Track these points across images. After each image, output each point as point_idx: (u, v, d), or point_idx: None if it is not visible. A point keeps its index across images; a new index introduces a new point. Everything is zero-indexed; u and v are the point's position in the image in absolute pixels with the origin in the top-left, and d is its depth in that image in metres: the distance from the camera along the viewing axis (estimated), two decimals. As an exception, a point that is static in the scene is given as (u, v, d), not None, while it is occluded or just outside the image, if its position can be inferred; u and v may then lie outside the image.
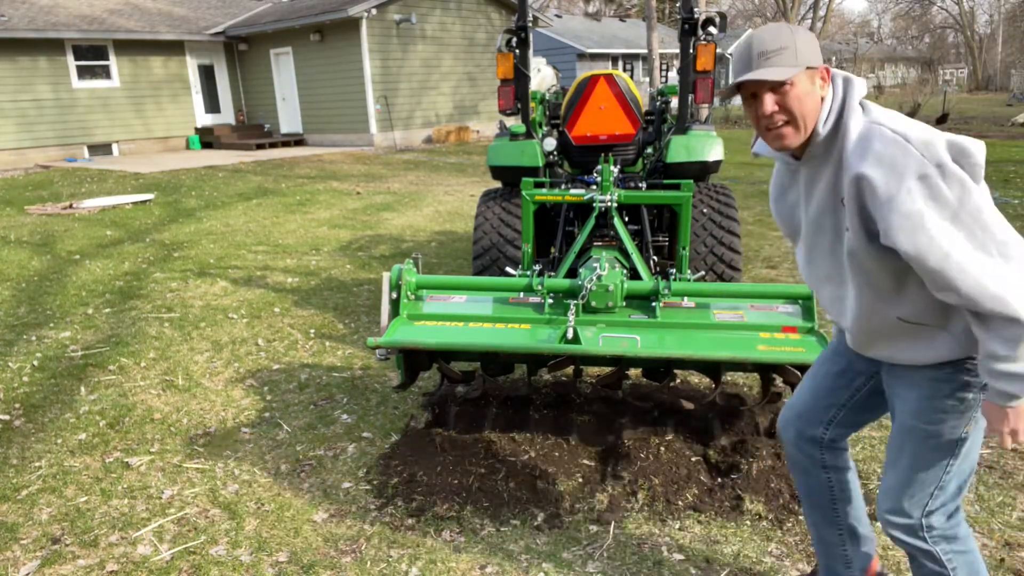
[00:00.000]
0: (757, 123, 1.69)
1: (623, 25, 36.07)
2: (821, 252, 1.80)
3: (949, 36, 53.22)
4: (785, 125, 1.65)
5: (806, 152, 1.71)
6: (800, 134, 1.66)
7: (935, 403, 1.73)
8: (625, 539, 2.67)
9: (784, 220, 1.92)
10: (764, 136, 1.71)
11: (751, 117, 1.71)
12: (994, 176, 10.63)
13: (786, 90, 1.62)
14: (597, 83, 4.80)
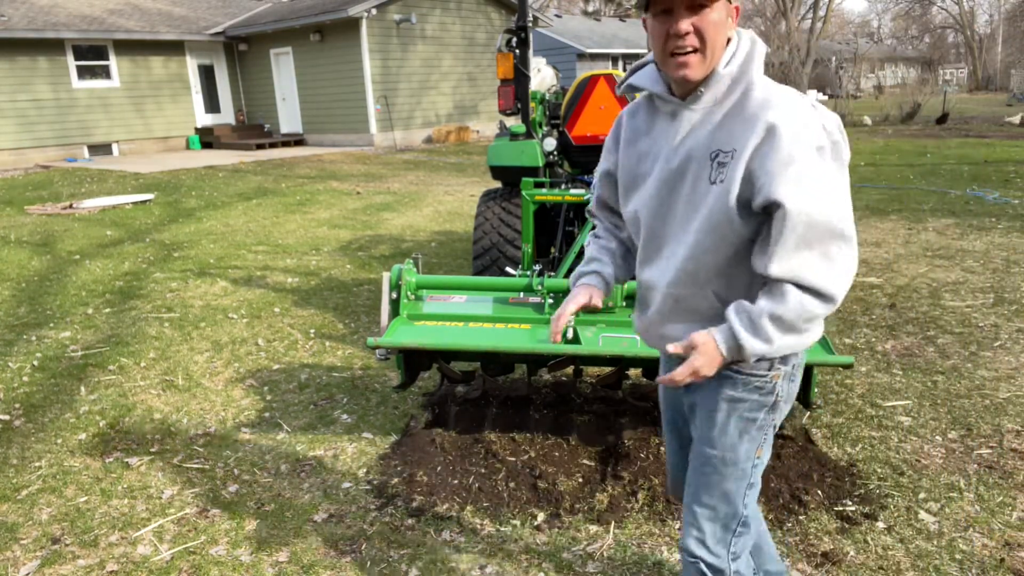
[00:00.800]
0: (663, 44, 1.50)
1: (623, 25, 36.06)
2: (667, 206, 1.62)
3: (949, 36, 53.22)
4: (694, 52, 1.49)
5: (695, 92, 1.55)
6: (704, 67, 1.51)
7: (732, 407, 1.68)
8: (625, 539, 2.67)
9: (627, 169, 1.72)
10: (665, 61, 1.52)
11: (656, 37, 1.51)
12: (994, 176, 10.63)
13: (705, 12, 1.47)
14: (597, 83, 4.80)
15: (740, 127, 1.50)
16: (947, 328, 4.67)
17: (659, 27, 1.50)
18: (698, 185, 1.55)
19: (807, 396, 3.01)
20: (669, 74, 1.54)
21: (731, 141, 1.51)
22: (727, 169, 1.50)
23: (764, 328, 1.50)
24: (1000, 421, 3.44)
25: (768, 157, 1.46)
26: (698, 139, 1.55)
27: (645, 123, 1.68)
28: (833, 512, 2.76)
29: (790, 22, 39.45)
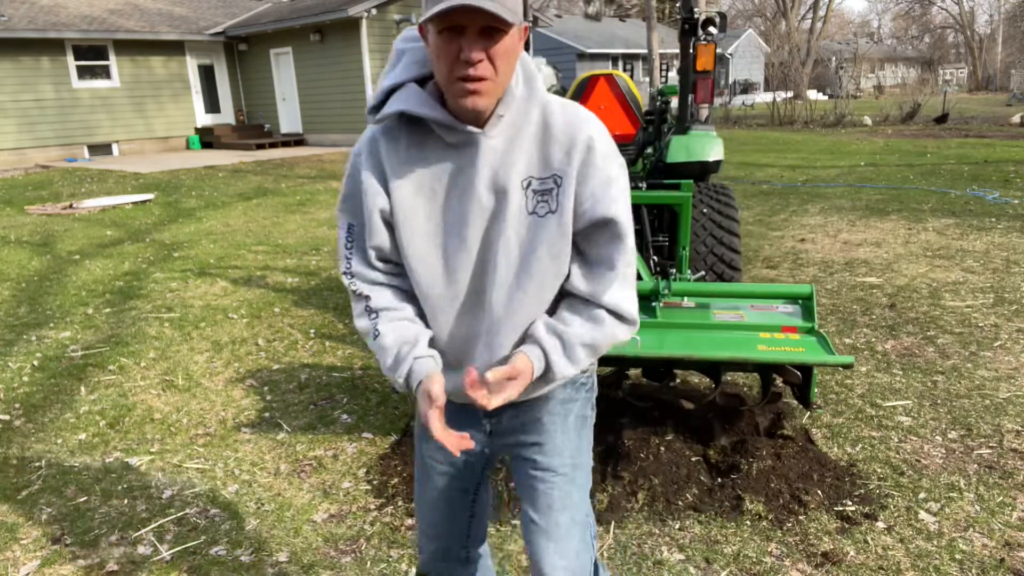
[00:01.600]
0: (450, 66, 1.29)
1: (623, 25, 36.07)
2: (489, 247, 1.43)
3: (949, 36, 53.22)
4: (485, 81, 1.29)
5: (491, 119, 1.37)
6: (495, 95, 1.33)
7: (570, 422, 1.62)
8: (625, 539, 2.67)
9: (413, 209, 1.43)
10: (452, 87, 1.31)
11: (442, 56, 1.29)
12: (994, 176, 10.64)
13: (499, 38, 1.28)
14: (597, 83, 4.80)
15: (557, 149, 1.39)
16: (947, 328, 4.67)
17: (445, 47, 1.28)
18: (522, 218, 1.40)
19: (807, 396, 3.01)
20: (454, 100, 1.33)
21: (549, 166, 1.40)
22: (555, 196, 1.40)
23: (577, 354, 1.46)
24: (1000, 421, 3.44)
25: (592, 176, 1.40)
26: (507, 168, 1.39)
27: (416, 154, 1.42)
28: (833, 512, 2.76)
29: (790, 22, 39.49)
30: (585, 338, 1.46)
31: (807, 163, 13.25)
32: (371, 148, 1.46)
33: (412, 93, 1.39)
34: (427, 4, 1.28)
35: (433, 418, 1.38)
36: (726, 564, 2.52)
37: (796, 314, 3.14)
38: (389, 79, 1.43)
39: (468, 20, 1.26)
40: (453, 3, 1.22)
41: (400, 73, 1.42)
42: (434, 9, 1.25)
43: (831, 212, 8.67)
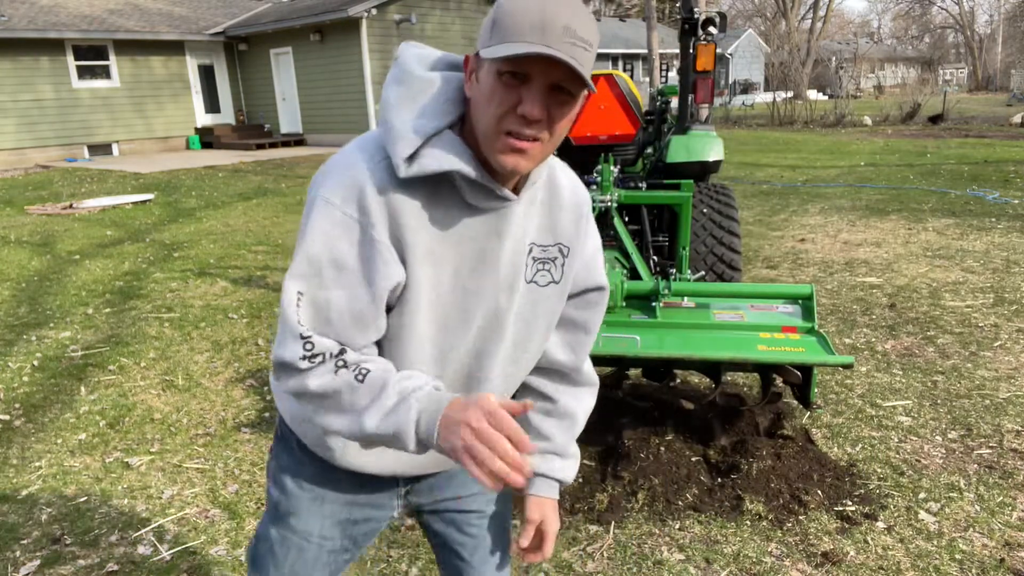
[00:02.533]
0: (500, 116, 1.09)
1: (623, 25, 36.07)
2: (470, 326, 1.27)
3: (949, 36, 53.23)
4: (535, 142, 1.11)
5: (526, 184, 1.23)
6: (538, 162, 1.16)
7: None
8: (625, 539, 2.67)
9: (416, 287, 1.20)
10: (495, 139, 1.11)
11: (492, 100, 1.09)
12: (994, 176, 10.64)
13: (567, 101, 1.10)
14: (597, 83, 4.80)
15: (564, 217, 1.30)
16: (947, 328, 4.67)
17: (504, 93, 1.08)
18: (517, 288, 1.28)
19: (807, 396, 3.01)
20: (492, 154, 1.12)
21: (555, 233, 1.30)
22: (560, 265, 1.31)
23: (572, 450, 1.48)
24: (1000, 421, 3.44)
25: (587, 245, 1.36)
26: (523, 236, 1.27)
27: (432, 214, 1.18)
28: (833, 512, 2.76)
29: (790, 22, 39.49)
30: (577, 431, 1.47)
31: (807, 163, 13.25)
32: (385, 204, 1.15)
33: (455, 145, 1.15)
34: (493, 36, 1.08)
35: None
36: (726, 564, 2.52)
37: (796, 314, 3.14)
38: (429, 119, 1.15)
39: (542, 72, 1.07)
40: (537, 49, 1.03)
41: (435, 114, 1.16)
42: (510, 51, 1.04)
43: (831, 212, 8.67)
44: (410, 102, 1.16)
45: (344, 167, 1.18)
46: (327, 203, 1.15)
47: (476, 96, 1.13)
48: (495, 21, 1.09)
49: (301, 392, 1.17)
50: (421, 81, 1.18)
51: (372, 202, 1.14)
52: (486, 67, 1.10)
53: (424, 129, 1.13)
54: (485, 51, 1.08)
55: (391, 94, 1.18)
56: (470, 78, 1.15)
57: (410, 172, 1.13)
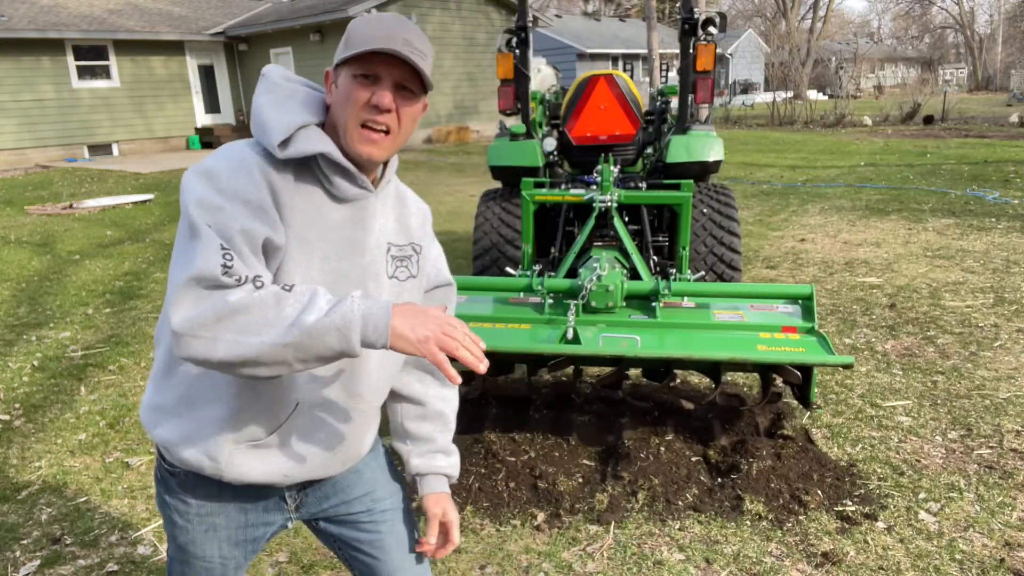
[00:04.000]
0: (356, 110, 1.29)
1: (623, 25, 36.07)
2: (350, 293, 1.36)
3: (949, 36, 53.24)
4: (386, 133, 1.32)
5: (381, 182, 1.41)
6: (388, 154, 1.35)
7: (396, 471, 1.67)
8: (625, 539, 2.67)
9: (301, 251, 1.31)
10: (353, 132, 1.30)
11: (350, 99, 1.30)
12: (994, 176, 10.64)
13: (411, 99, 1.32)
14: (597, 83, 4.80)
15: (413, 221, 1.50)
16: (947, 328, 4.67)
17: (358, 90, 1.29)
18: (381, 282, 1.42)
19: (807, 396, 3.01)
20: (351, 146, 1.31)
21: (408, 235, 1.48)
22: (415, 262, 1.49)
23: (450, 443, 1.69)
24: (1000, 421, 3.44)
25: (433, 247, 1.56)
26: (383, 231, 1.43)
27: (304, 200, 1.31)
28: (833, 512, 2.76)
29: (790, 22, 39.49)
30: (452, 429, 1.66)
31: (807, 163, 13.25)
32: (267, 180, 1.28)
33: (322, 135, 1.32)
34: (347, 46, 1.29)
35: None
36: (726, 564, 2.52)
37: (796, 314, 3.14)
38: (297, 115, 1.31)
39: (388, 73, 1.29)
40: (382, 46, 1.25)
41: (302, 112, 1.33)
42: (359, 49, 1.26)
43: (831, 212, 8.67)
44: (278, 105, 1.33)
45: (225, 153, 1.30)
46: (214, 172, 1.25)
47: (335, 100, 1.33)
48: (347, 39, 1.30)
49: (219, 312, 1.15)
50: (286, 89, 1.36)
51: (257, 174, 1.27)
52: (343, 74, 1.31)
53: (294, 121, 1.30)
54: (340, 57, 1.30)
55: (261, 101, 1.34)
56: (329, 88, 1.35)
57: (286, 153, 1.28)
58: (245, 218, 1.23)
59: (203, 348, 1.16)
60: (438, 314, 1.21)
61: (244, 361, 1.17)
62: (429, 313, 1.21)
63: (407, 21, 1.33)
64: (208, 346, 1.16)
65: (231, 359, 1.16)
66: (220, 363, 1.17)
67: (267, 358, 1.16)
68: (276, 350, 1.16)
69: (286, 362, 1.17)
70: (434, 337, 1.17)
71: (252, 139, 1.34)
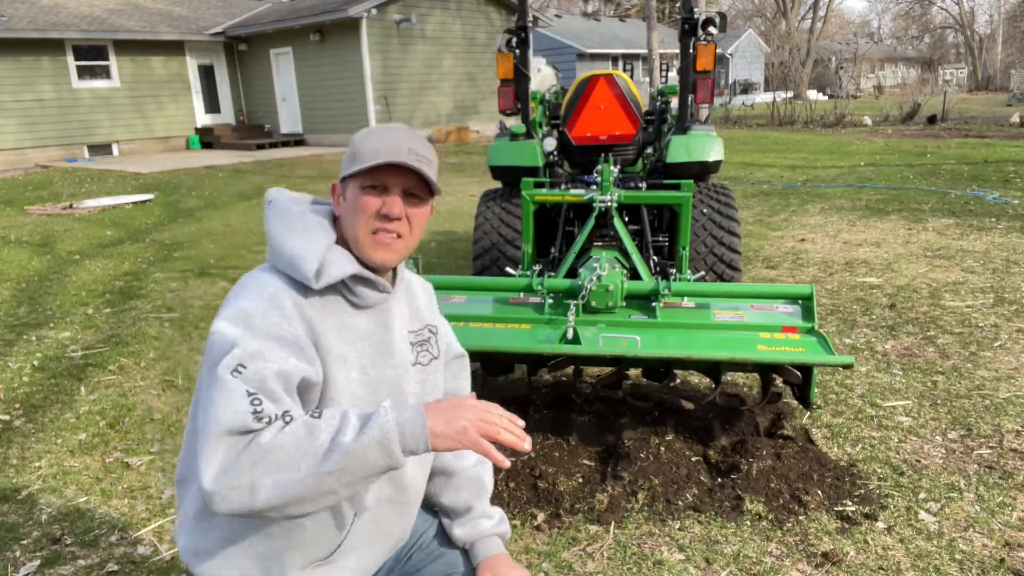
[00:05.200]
0: (367, 219, 1.35)
1: (623, 25, 36.07)
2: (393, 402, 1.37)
3: (949, 36, 53.24)
4: (399, 238, 1.38)
5: (396, 281, 1.48)
6: (401, 257, 1.41)
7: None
8: (625, 539, 2.67)
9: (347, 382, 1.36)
10: (366, 240, 1.35)
11: (360, 210, 1.35)
12: (994, 176, 10.64)
13: (419, 204, 1.39)
14: (597, 83, 4.80)
15: (422, 303, 1.57)
16: (947, 328, 4.67)
17: (368, 201, 1.35)
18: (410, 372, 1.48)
19: (807, 396, 3.01)
20: (365, 254, 1.37)
21: (421, 318, 1.55)
22: (435, 343, 1.56)
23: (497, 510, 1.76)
24: (1000, 421, 3.44)
25: (442, 320, 1.63)
26: (400, 326, 1.49)
27: (332, 317, 1.36)
28: (833, 512, 2.76)
29: (790, 22, 39.50)
30: (489, 490, 1.71)
31: (807, 163, 13.25)
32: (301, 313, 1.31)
33: (345, 255, 1.36)
34: (354, 163, 1.34)
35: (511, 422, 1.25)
36: (726, 564, 2.52)
37: (796, 314, 3.14)
38: (319, 240, 1.35)
39: (397, 182, 1.35)
40: (390, 159, 1.31)
41: (320, 236, 1.36)
42: (368, 163, 1.32)
43: (831, 212, 8.67)
44: (296, 232, 1.36)
45: (256, 289, 1.32)
46: (246, 312, 1.27)
47: (345, 211, 1.38)
48: (353, 154, 1.36)
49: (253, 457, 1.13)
50: (298, 215, 1.40)
51: (291, 309, 1.30)
52: (351, 186, 1.36)
53: (319, 248, 1.34)
54: (347, 171, 1.36)
55: (276, 229, 1.38)
56: (338, 200, 1.41)
57: (322, 282, 1.32)
58: (281, 359, 1.24)
59: (242, 499, 1.13)
60: (471, 403, 1.23)
61: (287, 501, 1.13)
62: (463, 404, 1.22)
63: (409, 130, 1.40)
64: (247, 496, 1.13)
65: (274, 503, 1.13)
66: (264, 509, 1.14)
67: (311, 491, 1.13)
68: (319, 480, 1.13)
69: (332, 491, 1.15)
70: (473, 427, 1.18)
71: (269, 266, 1.37)
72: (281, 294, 1.30)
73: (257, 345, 1.22)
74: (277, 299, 1.29)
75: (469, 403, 1.22)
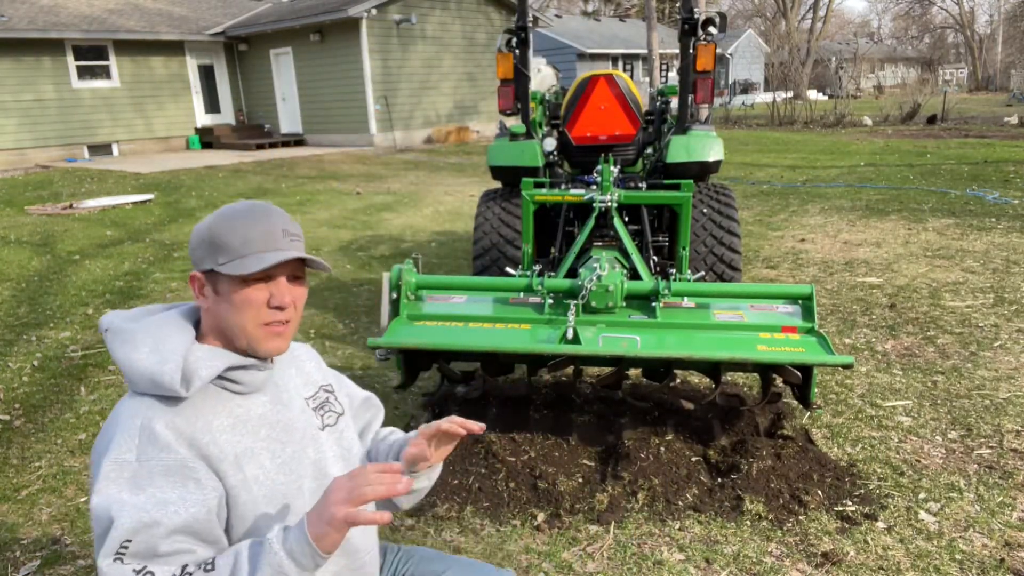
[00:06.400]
0: (257, 313, 1.28)
1: (623, 25, 36.07)
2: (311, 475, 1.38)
3: (949, 36, 53.21)
4: (288, 323, 1.33)
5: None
6: (291, 339, 1.37)
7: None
8: (625, 539, 2.67)
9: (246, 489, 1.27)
10: (257, 332, 1.29)
11: (249, 305, 1.28)
12: (994, 176, 10.64)
13: (301, 283, 1.35)
14: (597, 83, 4.80)
15: (311, 366, 1.52)
16: (947, 328, 4.67)
17: (255, 294, 1.28)
18: (320, 440, 1.42)
19: (807, 396, 3.01)
20: (257, 347, 1.30)
21: (313, 381, 1.49)
22: (336, 400, 1.51)
23: None
24: (1000, 421, 3.44)
25: (331, 376, 1.57)
26: (295, 396, 1.43)
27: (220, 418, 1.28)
28: (833, 512, 2.76)
29: (790, 22, 39.49)
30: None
31: (807, 163, 13.25)
32: (178, 433, 1.22)
33: (211, 350, 1.29)
34: (224, 254, 1.26)
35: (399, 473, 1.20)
36: (726, 564, 2.52)
37: (796, 314, 3.14)
38: (172, 344, 1.25)
39: (283, 271, 1.30)
40: (285, 256, 1.27)
41: (173, 338, 1.27)
42: (262, 263, 1.25)
43: (831, 212, 8.67)
44: (142, 345, 1.25)
45: (122, 428, 1.21)
46: (120, 463, 1.17)
47: (221, 307, 1.29)
48: (219, 244, 1.26)
49: None
50: (139, 328, 1.28)
51: (166, 434, 1.20)
52: (224, 280, 1.27)
53: (177, 352, 1.24)
54: (228, 267, 1.26)
55: (121, 352, 1.26)
56: (202, 293, 1.31)
57: (193, 388, 1.22)
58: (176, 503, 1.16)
59: None
60: (336, 485, 1.17)
61: None
62: (328, 492, 1.17)
63: (268, 206, 1.32)
64: None
65: None
66: None
67: None
68: None
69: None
70: (341, 508, 1.13)
71: (130, 394, 1.26)
72: (150, 422, 1.20)
73: (142, 502, 1.14)
74: (147, 430, 1.19)
75: (334, 487, 1.17)
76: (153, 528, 1.14)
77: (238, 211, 1.30)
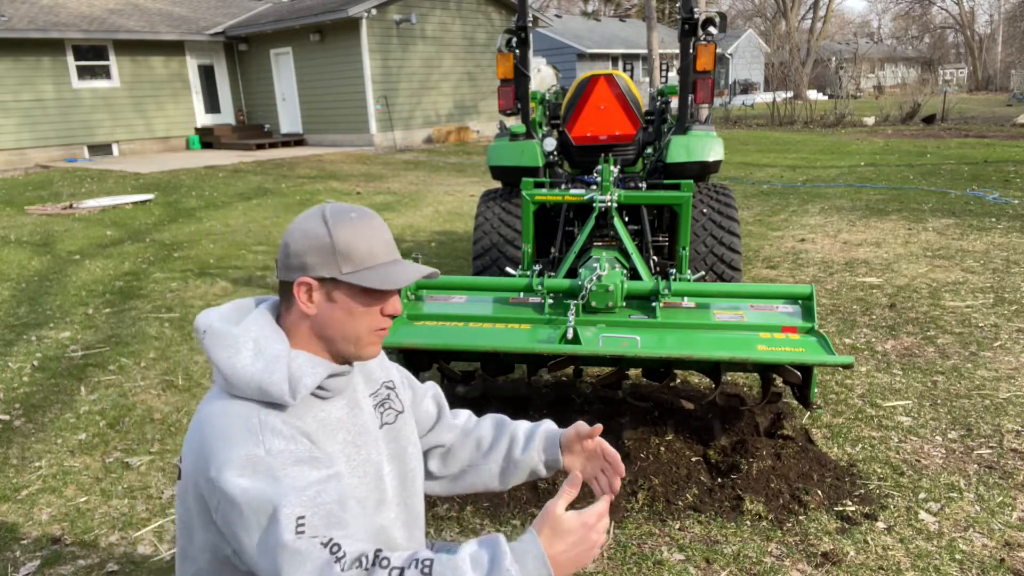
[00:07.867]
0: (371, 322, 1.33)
1: (623, 25, 36.07)
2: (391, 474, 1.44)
3: (949, 36, 53.20)
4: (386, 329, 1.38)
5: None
6: None
7: None
8: (625, 539, 2.67)
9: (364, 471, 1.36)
10: (367, 338, 1.33)
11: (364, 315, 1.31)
12: (994, 176, 10.64)
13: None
14: (597, 83, 4.80)
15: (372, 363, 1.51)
16: (947, 328, 4.67)
17: (375, 303, 1.32)
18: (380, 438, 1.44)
19: (807, 396, 3.00)
20: (361, 352, 1.35)
21: (375, 379, 1.50)
22: (396, 397, 1.52)
23: None
24: (1000, 421, 3.44)
25: (394, 372, 1.58)
26: (364, 399, 1.45)
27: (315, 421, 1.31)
28: (833, 512, 2.76)
29: (790, 22, 39.48)
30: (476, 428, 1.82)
31: (807, 163, 13.25)
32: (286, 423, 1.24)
33: (308, 358, 1.30)
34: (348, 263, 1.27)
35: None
36: (726, 564, 2.52)
37: (796, 314, 3.14)
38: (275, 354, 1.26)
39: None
40: (421, 271, 1.33)
41: (274, 346, 1.28)
42: (405, 278, 1.30)
43: (831, 212, 8.67)
44: (244, 350, 1.25)
45: (239, 426, 1.21)
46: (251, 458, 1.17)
47: (334, 314, 1.30)
48: (344, 253, 1.26)
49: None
50: (240, 333, 1.28)
51: (285, 428, 1.22)
52: (347, 288, 1.28)
53: (279, 360, 1.25)
54: (354, 277, 1.27)
55: (223, 356, 1.25)
56: (310, 299, 1.29)
57: (300, 395, 1.24)
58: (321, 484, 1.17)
59: None
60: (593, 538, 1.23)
61: None
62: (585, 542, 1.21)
63: (373, 213, 1.34)
64: None
65: None
66: None
67: None
68: None
69: None
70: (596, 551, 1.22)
71: (226, 394, 1.26)
72: (268, 418, 1.22)
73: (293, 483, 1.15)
74: (267, 425, 1.21)
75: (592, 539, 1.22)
76: (318, 500, 1.15)
77: (353, 218, 1.29)
